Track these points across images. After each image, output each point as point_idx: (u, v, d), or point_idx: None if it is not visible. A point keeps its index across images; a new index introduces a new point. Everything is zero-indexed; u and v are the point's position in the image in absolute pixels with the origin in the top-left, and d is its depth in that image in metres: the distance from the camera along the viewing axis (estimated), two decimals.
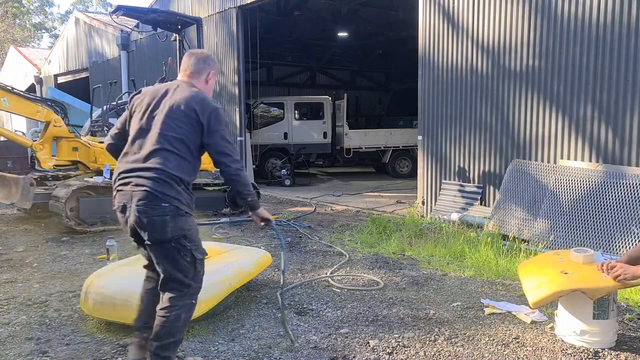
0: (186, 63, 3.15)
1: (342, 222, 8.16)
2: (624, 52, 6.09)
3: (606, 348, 3.39)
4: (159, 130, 2.88)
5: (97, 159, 7.81)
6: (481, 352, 3.39)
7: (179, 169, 2.87)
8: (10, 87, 7.64)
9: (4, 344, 3.55)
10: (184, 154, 2.91)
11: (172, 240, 2.83)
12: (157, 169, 2.82)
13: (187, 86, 3.05)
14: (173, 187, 2.84)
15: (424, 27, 8.44)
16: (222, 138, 2.95)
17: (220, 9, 12.99)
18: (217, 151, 2.94)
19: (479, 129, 7.74)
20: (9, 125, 21.37)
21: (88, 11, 35.12)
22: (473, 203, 7.73)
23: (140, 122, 2.96)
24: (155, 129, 2.90)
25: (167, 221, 2.80)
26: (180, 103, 2.92)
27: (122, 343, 3.50)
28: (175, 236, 2.83)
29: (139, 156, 2.88)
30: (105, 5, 50.23)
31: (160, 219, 2.79)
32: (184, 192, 2.89)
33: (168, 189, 2.82)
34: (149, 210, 2.79)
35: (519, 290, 4.49)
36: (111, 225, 7.45)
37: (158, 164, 2.83)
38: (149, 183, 2.80)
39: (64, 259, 5.86)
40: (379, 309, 4.17)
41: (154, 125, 2.91)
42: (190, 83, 3.10)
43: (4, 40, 42.05)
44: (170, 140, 2.88)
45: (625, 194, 5.83)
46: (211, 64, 3.19)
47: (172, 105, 2.93)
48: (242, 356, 3.34)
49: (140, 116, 2.97)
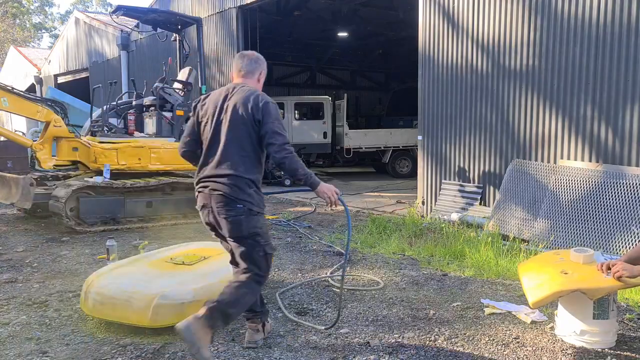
0: (239, 64, 3.42)
1: (342, 222, 8.16)
2: (624, 52, 6.09)
3: (606, 348, 3.39)
4: (226, 137, 3.20)
5: (97, 159, 7.81)
6: (481, 352, 3.39)
7: (249, 171, 3.18)
8: (10, 87, 7.63)
9: (4, 344, 3.55)
10: (251, 154, 3.21)
11: (248, 237, 3.18)
12: (230, 175, 3.15)
13: (242, 87, 3.31)
14: (245, 191, 3.15)
15: (424, 27, 8.44)
16: (271, 129, 3.15)
17: (220, 9, 12.99)
18: (267, 142, 3.17)
19: (479, 128, 7.74)
20: (9, 125, 21.38)
21: (88, 11, 35.14)
22: (473, 203, 7.73)
23: (210, 131, 3.26)
24: (223, 137, 3.21)
25: (242, 220, 3.14)
26: (239, 106, 3.19)
27: (122, 343, 3.50)
28: (250, 233, 3.17)
29: (214, 164, 3.21)
30: (105, 5, 50.26)
31: (235, 219, 3.14)
32: (255, 194, 3.19)
33: (241, 192, 3.14)
34: (225, 212, 3.14)
35: (519, 290, 4.49)
36: (111, 225, 7.46)
37: (230, 169, 3.15)
38: (224, 188, 3.14)
39: (64, 259, 5.86)
40: (379, 309, 4.17)
41: (221, 132, 3.22)
42: (244, 83, 3.36)
43: (4, 40, 42.08)
44: (238, 145, 3.19)
45: (625, 194, 5.83)
46: (261, 64, 3.46)
47: (232, 109, 3.20)
48: (242, 356, 3.34)
49: (209, 125, 3.27)
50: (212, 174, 3.19)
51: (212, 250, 4.63)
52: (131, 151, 8.05)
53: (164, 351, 3.38)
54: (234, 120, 3.18)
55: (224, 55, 13.04)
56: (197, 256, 4.32)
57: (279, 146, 3.11)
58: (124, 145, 8.05)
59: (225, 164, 3.17)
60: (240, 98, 3.20)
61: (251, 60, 3.42)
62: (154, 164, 8.23)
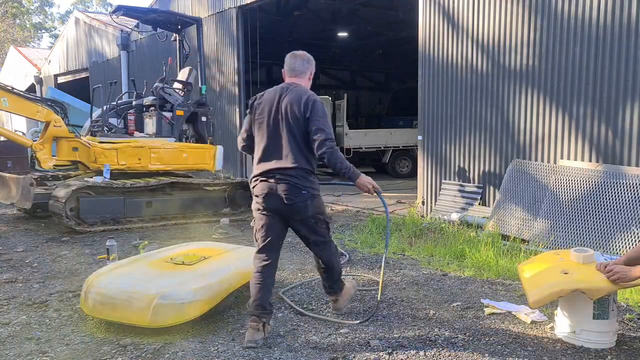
0: (292, 64, 3.77)
1: (342, 222, 8.16)
2: (624, 52, 6.09)
3: (606, 348, 3.39)
4: (285, 134, 3.57)
5: (97, 159, 7.81)
6: (481, 352, 3.39)
7: (308, 162, 3.62)
8: (10, 87, 7.63)
9: (4, 344, 3.54)
10: (307, 147, 3.58)
11: (312, 217, 3.67)
12: (295, 167, 3.55)
13: (294, 87, 3.67)
14: (307, 179, 3.60)
15: (424, 27, 8.44)
16: (316, 125, 3.53)
17: (220, 9, 12.99)
18: (312, 138, 3.54)
19: (479, 128, 7.74)
20: (9, 125, 21.38)
21: (88, 11, 35.13)
22: (473, 203, 7.73)
23: (270, 129, 3.61)
24: (283, 133, 3.58)
25: (308, 204, 3.60)
26: (293, 105, 3.56)
27: (122, 343, 3.50)
28: (314, 213, 3.66)
29: (277, 158, 3.57)
30: (105, 5, 50.25)
31: (303, 204, 3.58)
32: (314, 180, 3.67)
33: (304, 181, 3.58)
34: (293, 198, 3.54)
35: (519, 290, 4.49)
36: (111, 225, 7.46)
37: (294, 163, 3.55)
38: (290, 178, 3.54)
39: (64, 259, 5.86)
40: (379, 309, 4.16)
41: (280, 130, 3.59)
42: (296, 83, 3.72)
43: (4, 40, 42.08)
44: (295, 140, 3.56)
45: (625, 194, 5.83)
46: (312, 63, 3.84)
47: (287, 108, 3.57)
48: (242, 356, 3.33)
49: (267, 124, 3.62)
50: (277, 167, 3.56)
51: (212, 250, 4.64)
52: (131, 151, 8.05)
53: (164, 351, 3.38)
54: (290, 119, 3.55)
55: (223, 55, 13.03)
56: (197, 256, 4.33)
57: (321, 142, 3.49)
58: (124, 145, 8.05)
59: (289, 157, 3.55)
60: (293, 98, 3.58)
61: (303, 61, 3.78)
62: (154, 164, 8.23)
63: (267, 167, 3.59)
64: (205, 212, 8.30)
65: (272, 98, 3.65)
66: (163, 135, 8.52)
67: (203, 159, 8.78)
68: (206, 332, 3.71)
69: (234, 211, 8.48)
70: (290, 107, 3.55)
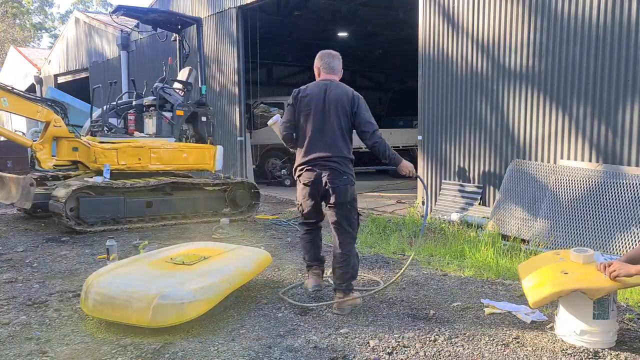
0: (331, 63, 4.20)
1: None
2: (624, 52, 6.09)
3: (606, 348, 3.39)
4: (332, 126, 3.99)
5: (97, 159, 7.81)
6: (481, 352, 3.39)
7: (349, 152, 4.08)
8: (10, 87, 7.63)
9: (4, 344, 3.54)
10: (349, 137, 4.07)
11: (349, 203, 4.03)
12: (339, 156, 4.00)
13: (336, 84, 4.11)
14: (348, 166, 4.05)
15: (424, 27, 8.44)
16: (364, 119, 4.03)
17: (220, 8, 12.98)
18: (361, 129, 4.04)
19: (479, 128, 7.75)
20: (9, 125, 21.40)
21: (88, 11, 35.14)
22: (473, 203, 7.74)
23: (315, 121, 4.02)
24: (328, 125, 3.99)
25: (348, 188, 4.01)
26: (338, 99, 4.00)
27: (122, 343, 3.50)
28: (350, 199, 4.03)
29: (324, 147, 3.99)
30: (105, 5, 50.25)
31: (344, 187, 3.99)
32: (352, 169, 4.09)
33: (345, 167, 4.02)
34: (336, 181, 3.97)
35: (519, 290, 4.49)
36: (111, 225, 7.45)
37: (338, 151, 3.99)
38: (334, 165, 3.98)
39: (64, 259, 5.86)
40: (379, 309, 4.17)
41: (327, 122, 4.00)
42: (333, 79, 4.15)
43: (4, 40, 42.10)
44: (340, 132, 4.01)
45: (625, 194, 5.83)
46: (341, 61, 4.27)
47: (332, 102, 3.99)
48: (242, 356, 3.33)
49: (312, 115, 4.02)
50: (324, 155, 3.98)
51: (212, 250, 4.64)
52: (131, 151, 8.05)
53: (164, 351, 3.38)
54: (336, 112, 3.97)
55: (223, 55, 13.03)
56: (197, 256, 4.32)
57: (371, 133, 4.00)
58: (124, 145, 8.05)
59: (334, 147, 3.99)
60: (339, 94, 4.01)
61: (339, 60, 4.24)
62: (154, 164, 8.23)
63: (313, 155, 3.99)
64: (205, 212, 8.30)
65: (317, 92, 4.04)
66: (163, 135, 8.52)
67: (203, 159, 8.78)
68: (206, 332, 3.71)
69: (234, 211, 8.49)
70: (339, 101, 3.97)
